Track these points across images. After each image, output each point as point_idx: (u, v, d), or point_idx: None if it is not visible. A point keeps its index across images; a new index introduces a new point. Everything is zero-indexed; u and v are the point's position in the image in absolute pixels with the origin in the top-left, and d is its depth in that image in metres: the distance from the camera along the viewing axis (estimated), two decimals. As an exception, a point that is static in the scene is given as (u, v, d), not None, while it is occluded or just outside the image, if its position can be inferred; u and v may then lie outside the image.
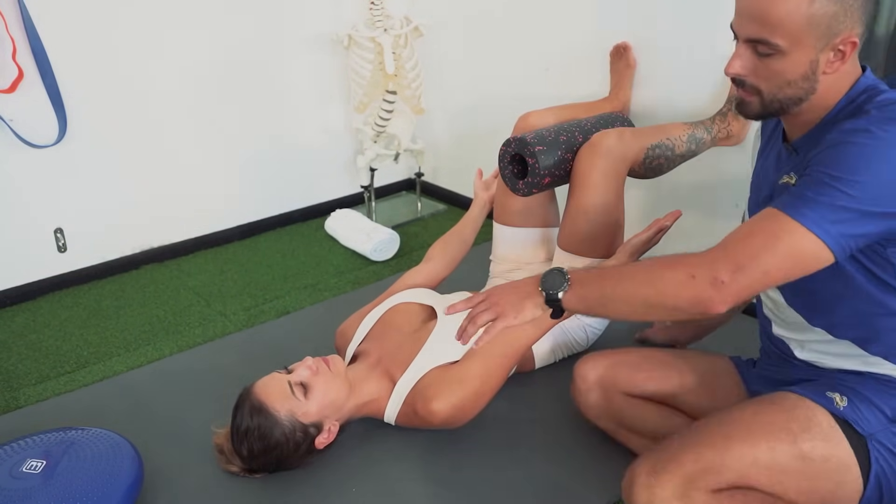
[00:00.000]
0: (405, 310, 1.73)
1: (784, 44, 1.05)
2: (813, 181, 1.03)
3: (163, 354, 2.04)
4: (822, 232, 1.00)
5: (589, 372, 1.50)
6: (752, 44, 1.09)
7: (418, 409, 1.51)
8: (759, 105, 1.14)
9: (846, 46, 1.06)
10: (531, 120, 1.91)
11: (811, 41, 1.05)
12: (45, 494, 1.35)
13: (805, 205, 1.01)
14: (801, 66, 1.07)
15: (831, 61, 1.07)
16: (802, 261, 1.03)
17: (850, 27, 1.04)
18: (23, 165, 2.22)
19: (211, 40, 2.47)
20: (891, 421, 1.14)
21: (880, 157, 0.99)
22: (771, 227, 1.03)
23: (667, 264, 1.13)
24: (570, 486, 1.50)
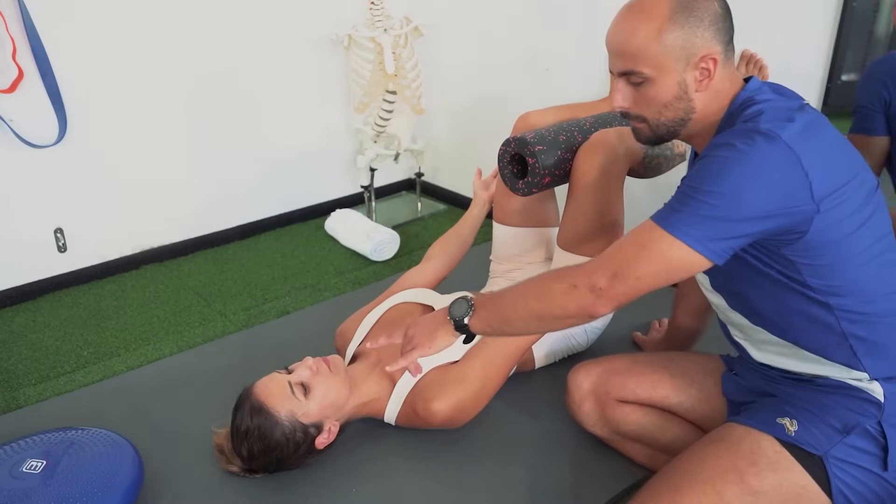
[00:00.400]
0: (405, 310, 1.73)
1: (649, 71, 1.15)
2: (680, 193, 1.11)
3: (163, 354, 2.04)
4: (687, 239, 1.07)
5: (583, 381, 1.50)
6: (624, 76, 1.19)
7: (418, 409, 1.51)
8: (648, 130, 1.22)
9: (708, 63, 1.14)
10: (531, 120, 1.91)
11: (671, 64, 1.14)
12: (45, 494, 1.35)
13: (671, 215, 1.09)
14: (671, 88, 1.16)
15: (699, 79, 1.15)
16: (673, 267, 1.09)
17: (706, 46, 1.13)
18: (23, 165, 2.22)
19: (211, 40, 2.47)
20: (841, 432, 1.15)
21: (737, 169, 1.05)
22: (643, 238, 1.11)
23: (552, 278, 1.19)
24: (570, 486, 1.50)
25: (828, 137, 1.11)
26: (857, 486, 1.14)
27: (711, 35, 1.13)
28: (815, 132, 1.08)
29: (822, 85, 1.85)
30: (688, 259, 1.08)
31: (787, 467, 1.15)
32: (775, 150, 1.04)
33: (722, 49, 1.15)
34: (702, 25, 1.12)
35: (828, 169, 1.07)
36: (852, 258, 1.11)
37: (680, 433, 1.45)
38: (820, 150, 1.07)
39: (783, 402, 1.23)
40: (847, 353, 1.16)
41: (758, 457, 1.16)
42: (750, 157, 1.04)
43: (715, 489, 1.15)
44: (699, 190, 1.07)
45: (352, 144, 2.93)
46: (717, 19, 1.13)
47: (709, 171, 1.07)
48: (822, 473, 1.14)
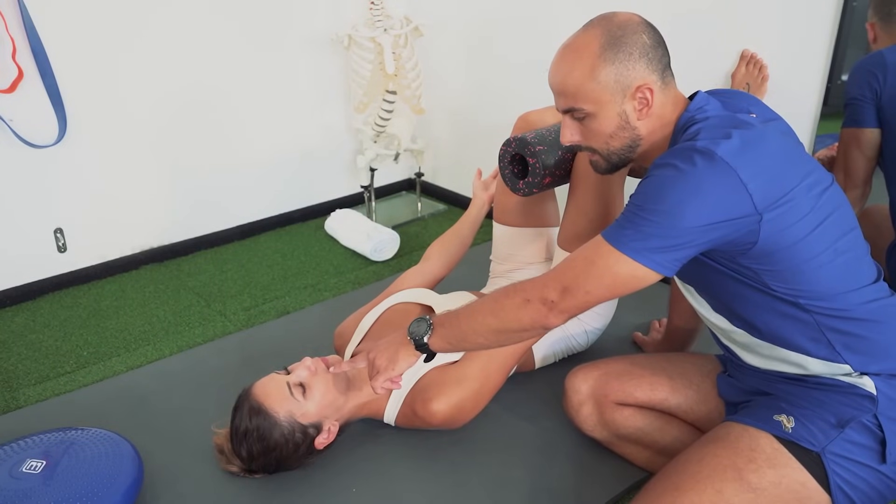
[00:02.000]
0: (403, 310, 1.73)
1: (589, 107, 1.21)
2: (627, 211, 1.16)
3: (163, 354, 2.04)
4: (633, 254, 1.12)
5: (581, 385, 1.50)
6: (569, 113, 1.25)
7: (417, 409, 1.51)
8: (603, 161, 1.28)
9: (644, 92, 1.19)
10: (531, 119, 1.91)
11: (608, 98, 1.19)
12: (44, 494, 1.35)
13: (618, 231, 1.14)
14: (612, 120, 1.21)
15: (638, 108, 1.21)
16: (620, 280, 1.15)
17: (640, 76, 1.18)
18: (23, 165, 2.22)
19: (211, 40, 2.47)
20: (837, 427, 1.16)
21: (677, 187, 1.09)
22: (592, 254, 1.16)
23: (506, 294, 1.24)
24: (570, 486, 1.50)
25: (769, 148, 1.13)
26: (856, 480, 1.14)
27: (643, 66, 1.18)
28: (752, 145, 1.12)
29: (822, 85, 1.85)
30: (635, 273, 1.13)
31: (785, 464, 1.15)
32: (712, 167, 1.08)
33: (658, 77, 1.20)
34: (632, 59, 1.17)
35: (769, 179, 1.10)
36: (811, 260, 1.14)
37: (679, 435, 1.45)
38: (758, 161, 1.10)
39: (779, 399, 1.24)
40: (826, 348, 1.18)
41: (756, 454, 1.17)
42: (688, 174, 1.09)
43: (714, 487, 1.15)
44: (642, 208, 1.12)
45: (352, 144, 2.93)
46: (647, 50, 1.18)
47: (650, 190, 1.12)
48: (820, 469, 1.14)
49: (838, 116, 1.73)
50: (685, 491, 1.17)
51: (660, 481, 1.23)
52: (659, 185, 1.11)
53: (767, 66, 1.90)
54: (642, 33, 1.19)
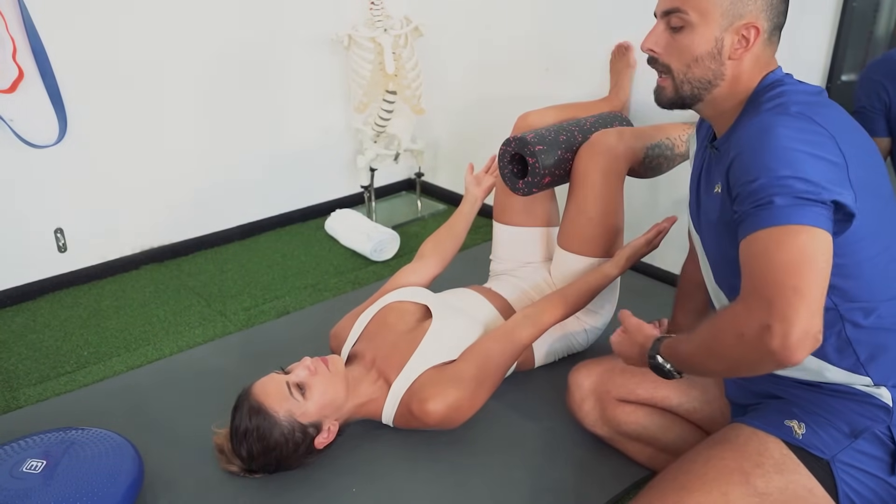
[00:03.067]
0: (399, 308, 1.72)
1: (693, 15, 1.13)
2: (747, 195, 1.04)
3: (163, 354, 2.04)
4: (806, 220, 0.99)
5: (583, 381, 1.50)
6: (666, 17, 1.16)
7: (414, 409, 1.51)
8: (672, 89, 1.19)
9: (749, 32, 1.13)
10: (531, 119, 1.91)
11: (716, 17, 1.12)
12: (45, 494, 1.35)
13: (772, 211, 1.00)
14: (707, 42, 1.14)
15: (735, 46, 1.14)
16: (821, 254, 0.99)
17: (754, 14, 1.12)
18: (23, 165, 2.22)
19: (211, 40, 2.47)
20: (849, 436, 1.14)
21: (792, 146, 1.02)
22: (765, 249, 1.00)
23: (718, 326, 1.08)
24: (570, 486, 1.50)
25: (856, 127, 1.11)
26: (864, 490, 1.13)
27: (762, 7, 1.13)
28: (847, 121, 1.09)
29: (823, 85, 1.84)
30: (825, 241, 0.99)
31: (793, 469, 1.14)
32: (816, 129, 1.03)
33: (768, 27, 1.14)
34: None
35: (857, 157, 1.05)
36: (872, 258, 1.09)
37: (681, 433, 1.45)
38: (850, 135, 1.07)
39: (791, 404, 1.21)
40: (850, 359, 1.14)
41: (764, 458, 1.15)
42: (798, 133, 1.02)
43: (720, 490, 1.14)
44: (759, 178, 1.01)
45: (352, 144, 2.93)
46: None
47: (766, 160, 1.02)
48: (828, 477, 1.13)
49: (838, 116, 1.73)
50: (690, 492, 1.15)
51: (664, 481, 1.22)
52: (766, 149, 1.02)
53: None
54: None
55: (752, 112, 1.14)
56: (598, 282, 1.67)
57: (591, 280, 1.67)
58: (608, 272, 1.67)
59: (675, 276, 2.27)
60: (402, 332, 1.66)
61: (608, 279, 1.68)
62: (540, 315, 1.62)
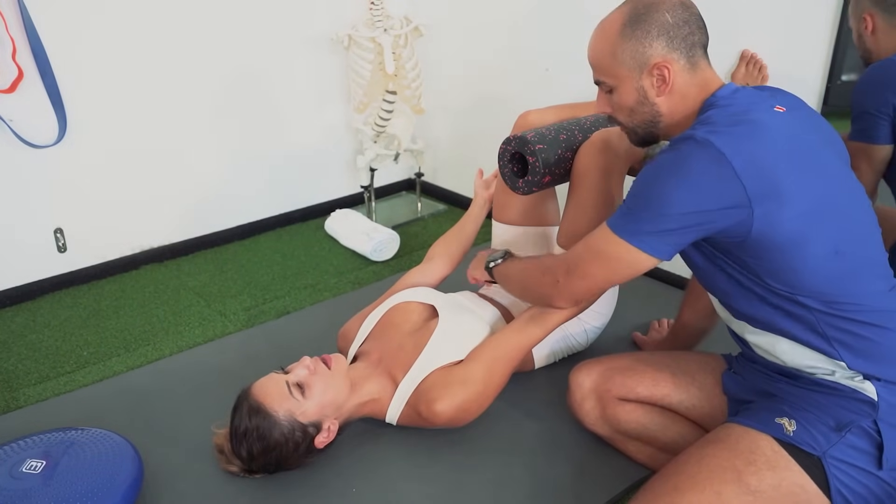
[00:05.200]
0: (406, 309, 1.73)
1: (610, 81, 1.27)
2: (626, 197, 1.21)
3: (163, 354, 2.04)
4: (629, 237, 1.18)
5: (584, 380, 1.51)
6: (599, 86, 1.31)
7: (422, 410, 1.51)
8: (630, 133, 1.33)
9: (662, 70, 1.21)
10: (531, 118, 1.91)
11: (626, 73, 1.24)
12: (44, 494, 1.35)
13: (617, 217, 1.21)
14: (632, 94, 1.26)
15: (656, 85, 1.23)
16: (618, 264, 1.22)
17: (659, 54, 1.21)
18: (23, 165, 2.22)
19: (211, 40, 2.47)
20: (836, 430, 1.16)
21: (667, 174, 1.14)
22: (593, 238, 1.26)
23: (544, 262, 1.41)
24: (570, 485, 1.50)
25: (772, 141, 1.13)
26: (855, 485, 1.14)
27: (663, 44, 1.21)
28: (754, 136, 1.12)
29: (822, 85, 1.84)
30: (632, 257, 1.19)
31: (785, 466, 1.15)
32: (706, 155, 1.10)
33: (681, 55, 1.22)
34: (649, 36, 1.20)
35: (762, 170, 1.10)
36: (808, 258, 1.14)
37: (681, 432, 1.45)
38: (755, 152, 1.11)
39: (781, 402, 1.24)
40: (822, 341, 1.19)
41: (756, 456, 1.17)
42: (680, 162, 1.13)
43: (713, 489, 1.15)
44: (637, 195, 1.18)
45: (352, 144, 2.93)
46: (668, 29, 1.20)
47: (646, 177, 1.17)
48: (820, 473, 1.14)
49: (838, 116, 1.73)
50: (684, 491, 1.17)
51: (659, 481, 1.23)
52: (653, 172, 1.16)
53: (767, 67, 1.90)
54: (666, 12, 1.21)
55: None
56: None
57: None
58: None
59: (675, 277, 2.28)
60: (409, 331, 1.66)
61: None
62: (546, 316, 1.62)
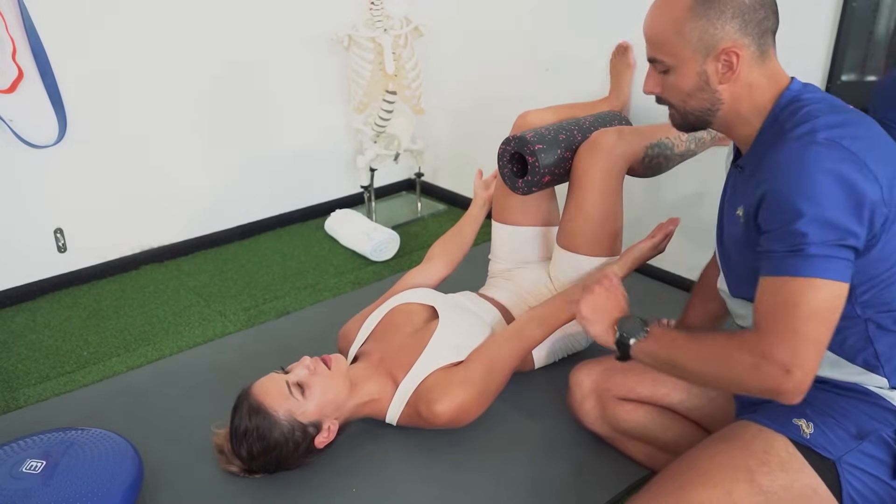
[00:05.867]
0: (407, 310, 1.73)
1: (669, 60, 1.17)
2: (780, 236, 1.07)
3: (163, 354, 2.04)
4: (823, 273, 1.04)
5: (584, 379, 1.51)
6: (652, 64, 1.21)
7: (422, 410, 1.51)
8: (679, 117, 1.24)
9: (730, 56, 1.12)
10: (530, 119, 1.91)
11: (689, 55, 1.14)
12: (44, 494, 1.35)
13: (795, 260, 1.06)
14: (691, 78, 1.16)
15: (721, 72, 1.14)
16: (829, 306, 1.06)
17: (730, 38, 1.12)
18: (23, 165, 2.22)
19: (211, 40, 2.47)
20: (857, 438, 1.14)
21: (819, 187, 1.03)
22: (787, 297, 1.07)
23: (731, 346, 1.14)
24: (570, 485, 1.50)
25: (883, 138, 1.10)
26: (867, 492, 1.13)
27: (736, 28, 1.11)
28: (868, 135, 1.08)
29: (823, 85, 1.84)
30: (835, 292, 1.05)
31: (798, 468, 1.13)
32: (845, 159, 1.03)
33: (752, 42, 1.13)
34: (723, 17, 1.11)
35: (890, 167, 1.06)
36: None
37: (681, 432, 1.45)
38: (882, 154, 1.06)
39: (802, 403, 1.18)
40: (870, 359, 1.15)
41: (770, 456, 1.15)
42: (818, 173, 1.02)
43: (724, 487, 1.14)
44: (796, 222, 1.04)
45: (352, 144, 2.93)
46: (744, 11, 1.11)
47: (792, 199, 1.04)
48: (833, 477, 1.12)
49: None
50: (695, 487, 1.15)
51: (668, 477, 1.21)
52: (800, 190, 1.04)
53: None
54: None
55: (775, 137, 1.12)
56: None
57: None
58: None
59: (675, 277, 2.28)
60: (410, 332, 1.66)
61: None
62: (547, 317, 1.62)
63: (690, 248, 2.17)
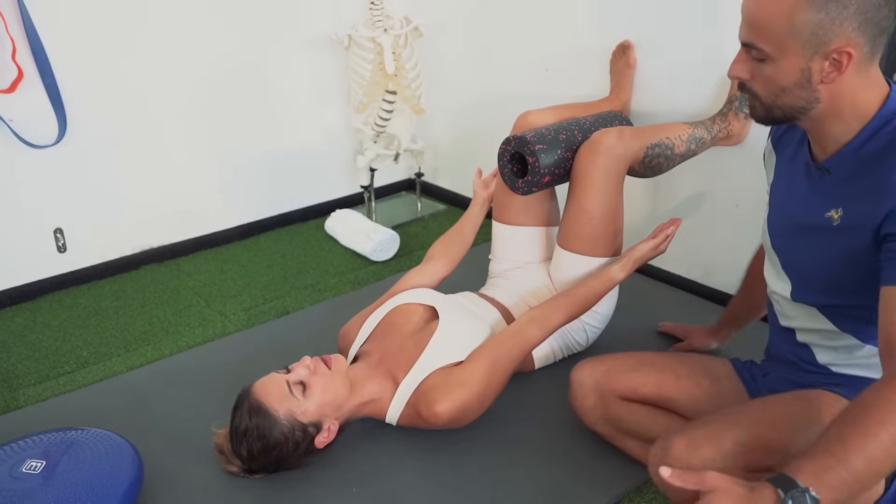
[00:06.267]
0: (407, 310, 1.73)
1: (770, 49, 1.05)
2: None
3: (163, 354, 2.04)
4: None
5: (586, 377, 1.50)
6: (746, 48, 1.09)
7: (422, 411, 1.51)
8: (762, 109, 1.13)
9: (841, 56, 1.02)
10: (530, 119, 1.91)
11: (797, 48, 1.03)
12: (44, 495, 1.35)
13: None
14: (792, 73, 1.05)
15: (827, 71, 1.04)
16: None
17: (845, 36, 1.01)
18: (23, 165, 2.22)
19: (211, 40, 2.47)
20: None
21: None
22: None
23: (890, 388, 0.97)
24: (570, 486, 1.50)
25: None
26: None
27: (854, 26, 1.00)
28: None
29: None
30: None
31: None
32: None
33: (866, 43, 1.01)
34: (844, 13, 0.99)
35: None
36: None
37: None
38: None
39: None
40: None
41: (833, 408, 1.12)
42: None
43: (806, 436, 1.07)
44: None
45: (352, 144, 2.93)
46: (867, 8, 0.99)
47: None
48: None
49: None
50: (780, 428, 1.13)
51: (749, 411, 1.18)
52: None
53: None
54: None
55: (888, 147, 1.06)
56: (604, 286, 1.67)
57: (598, 284, 1.67)
58: (614, 276, 1.68)
59: (674, 277, 2.28)
60: (410, 332, 1.66)
61: (614, 283, 1.69)
62: (547, 317, 1.62)
63: (691, 248, 2.17)
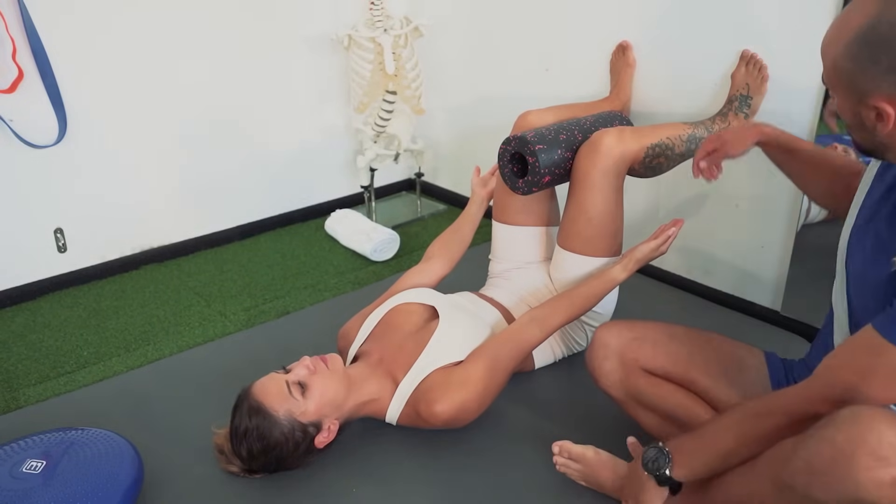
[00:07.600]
0: (407, 310, 1.73)
1: (828, 87, 1.05)
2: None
3: (163, 354, 2.04)
4: None
5: (612, 339, 1.46)
6: None
7: (421, 410, 1.51)
8: (857, 144, 1.09)
9: (883, 112, 0.97)
10: (531, 119, 1.91)
11: (843, 93, 1.02)
12: (44, 495, 1.35)
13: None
14: (849, 114, 1.03)
15: (874, 120, 1.00)
16: None
17: (880, 93, 0.96)
18: (23, 165, 2.22)
19: (212, 40, 2.47)
20: None
21: None
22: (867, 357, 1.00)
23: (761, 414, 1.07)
24: (570, 486, 1.50)
25: None
26: None
27: (891, 83, 0.95)
28: None
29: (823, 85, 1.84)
30: None
31: None
32: None
33: None
34: (875, 67, 0.95)
35: None
36: None
37: (701, 414, 1.40)
38: None
39: None
40: None
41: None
42: None
43: None
44: None
45: (352, 144, 2.93)
46: None
47: None
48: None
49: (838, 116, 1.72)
50: None
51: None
52: None
53: (767, 67, 1.90)
54: None
55: None
56: (604, 286, 1.67)
57: (598, 285, 1.67)
58: (615, 276, 1.67)
59: (674, 277, 2.28)
60: (410, 332, 1.66)
61: (615, 283, 1.68)
62: (547, 318, 1.62)
63: (691, 248, 2.18)
